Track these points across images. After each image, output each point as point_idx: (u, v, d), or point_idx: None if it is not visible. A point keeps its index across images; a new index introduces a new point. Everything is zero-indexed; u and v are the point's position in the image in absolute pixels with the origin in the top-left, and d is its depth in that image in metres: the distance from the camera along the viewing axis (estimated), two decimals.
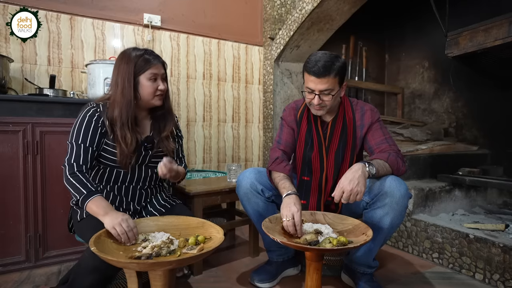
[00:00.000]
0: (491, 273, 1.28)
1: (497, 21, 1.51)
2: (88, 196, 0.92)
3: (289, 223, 0.99)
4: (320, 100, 1.10)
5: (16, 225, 1.33)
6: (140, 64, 1.03)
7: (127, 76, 1.02)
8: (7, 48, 1.58)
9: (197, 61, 2.12)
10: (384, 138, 1.17)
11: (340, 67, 1.09)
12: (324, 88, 1.08)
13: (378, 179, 1.09)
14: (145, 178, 1.13)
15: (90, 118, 1.02)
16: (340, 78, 1.11)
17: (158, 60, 1.07)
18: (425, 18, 2.44)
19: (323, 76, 1.07)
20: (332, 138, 1.20)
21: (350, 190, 0.96)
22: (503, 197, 1.95)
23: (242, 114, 2.32)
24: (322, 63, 1.06)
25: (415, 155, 1.89)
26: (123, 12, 1.86)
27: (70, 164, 0.97)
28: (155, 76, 1.05)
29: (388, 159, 1.08)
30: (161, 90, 1.07)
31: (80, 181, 0.94)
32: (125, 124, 1.02)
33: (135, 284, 0.85)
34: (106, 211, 0.90)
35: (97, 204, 0.91)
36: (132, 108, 1.03)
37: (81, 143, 0.99)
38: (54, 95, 1.50)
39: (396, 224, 1.08)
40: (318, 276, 0.96)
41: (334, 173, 1.19)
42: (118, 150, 1.02)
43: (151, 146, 1.12)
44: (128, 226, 0.88)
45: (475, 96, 2.24)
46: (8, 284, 1.25)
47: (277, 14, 2.24)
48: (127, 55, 1.04)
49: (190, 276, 1.34)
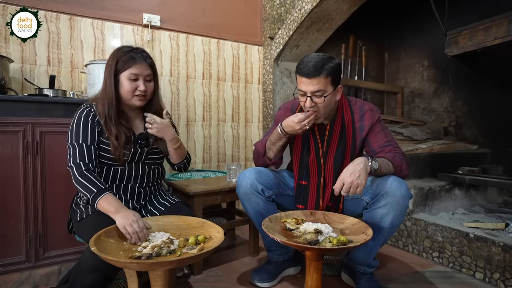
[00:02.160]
0: (491, 272, 1.28)
1: (497, 20, 1.51)
2: (99, 194, 0.93)
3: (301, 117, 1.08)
4: (313, 103, 1.07)
5: (16, 225, 1.33)
6: (121, 62, 1.03)
7: (109, 73, 1.03)
8: (6, 48, 1.58)
9: (196, 60, 2.12)
10: (387, 140, 1.15)
11: (332, 68, 1.06)
12: (315, 89, 1.05)
13: (379, 179, 1.09)
14: (143, 175, 1.13)
15: (85, 118, 1.03)
16: (333, 79, 1.07)
17: (143, 60, 1.04)
18: (425, 17, 2.44)
19: (314, 77, 1.04)
20: (330, 142, 1.17)
21: (350, 182, 0.96)
22: (503, 196, 1.96)
23: (242, 114, 2.32)
24: (312, 63, 1.04)
25: (415, 154, 1.89)
26: (122, 12, 1.86)
27: (77, 163, 0.98)
28: (136, 76, 1.04)
29: (393, 159, 1.08)
30: (140, 91, 1.04)
31: (90, 180, 0.95)
32: (108, 119, 1.03)
33: (135, 284, 0.85)
34: (117, 209, 0.91)
35: (108, 201, 0.93)
36: (113, 105, 1.04)
37: (82, 142, 1.00)
38: (53, 95, 1.50)
39: (397, 224, 1.08)
40: (318, 276, 0.96)
41: (333, 177, 1.16)
42: (111, 144, 1.04)
43: (145, 143, 1.12)
44: (139, 227, 0.89)
45: (475, 95, 2.24)
46: (8, 284, 1.25)
47: (277, 14, 2.23)
48: (115, 52, 1.06)
49: (190, 275, 1.34)
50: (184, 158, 1.22)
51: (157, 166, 1.19)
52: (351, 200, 1.18)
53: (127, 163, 1.09)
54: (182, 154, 1.20)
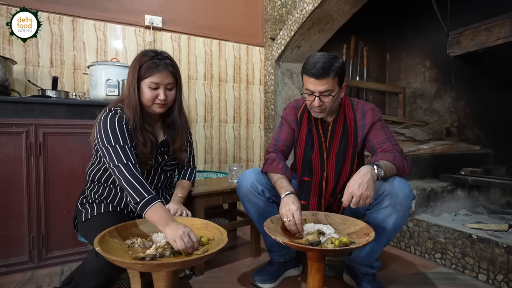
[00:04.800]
0: (495, 273, 1.28)
1: (499, 20, 1.51)
2: (149, 202, 0.88)
3: (290, 222, 0.99)
4: (321, 102, 1.10)
5: (19, 226, 1.34)
6: (143, 70, 1.01)
7: (132, 80, 1.02)
8: (10, 50, 1.59)
9: (198, 61, 2.12)
10: (386, 137, 1.17)
11: (339, 68, 1.09)
12: (323, 89, 1.08)
13: (382, 180, 1.09)
14: (158, 182, 1.14)
15: (119, 122, 1.00)
16: (339, 79, 1.10)
17: (165, 68, 1.02)
18: (426, 17, 2.44)
19: (322, 78, 1.06)
20: (333, 138, 1.20)
21: (359, 195, 0.94)
22: (506, 197, 1.94)
23: (243, 115, 2.32)
24: (320, 64, 1.06)
25: (417, 155, 1.88)
26: (124, 13, 1.87)
27: (125, 163, 0.93)
28: (156, 85, 1.02)
29: (394, 160, 1.08)
30: (160, 100, 1.03)
31: (141, 183, 0.91)
32: (134, 126, 1.02)
33: (138, 284, 0.85)
34: (167, 221, 0.86)
35: (158, 213, 0.88)
36: (138, 111, 1.02)
37: (124, 144, 0.97)
38: (56, 96, 1.51)
39: (400, 225, 1.07)
40: (320, 277, 0.96)
41: (335, 173, 1.19)
42: (138, 151, 1.02)
43: (166, 150, 1.12)
44: (189, 241, 0.83)
45: (477, 95, 2.23)
46: (11, 285, 1.26)
47: (278, 15, 2.24)
48: (138, 58, 1.04)
49: (192, 276, 1.34)
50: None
51: (172, 172, 1.21)
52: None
53: (146, 169, 1.08)
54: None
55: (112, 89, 1.53)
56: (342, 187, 1.18)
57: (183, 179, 1.23)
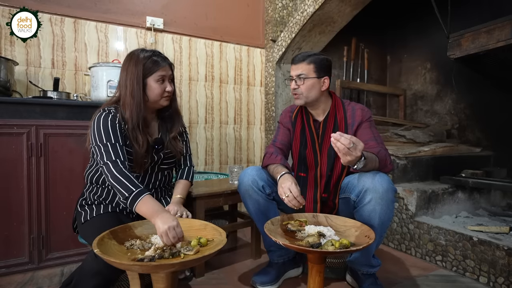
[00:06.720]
0: (496, 276, 1.27)
1: (500, 23, 1.51)
2: (138, 195, 0.90)
3: (289, 197, 1.03)
4: (296, 85, 1.21)
5: (20, 227, 1.34)
6: (148, 66, 1.04)
7: (136, 78, 1.03)
8: (12, 51, 1.60)
9: (199, 63, 2.13)
10: (373, 136, 1.20)
11: (318, 59, 1.20)
12: (298, 73, 1.20)
13: (362, 176, 1.10)
14: (155, 181, 1.14)
15: (112, 122, 1.01)
16: (316, 67, 1.20)
17: (166, 62, 1.08)
18: (427, 19, 2.44)
19: (298, 63, 1.21)
20: (324, 135, 1.25)
21: (348, 143, 0.90)
22: (507, 199, 1.94)
23: (244, 116, 2.33)
24: (301, 54, 1.22)
25: (417, 157, 1.88)
26: (126, 15, 1.87)
27: (113, 160, 0.95)
28: (163, 78, 1.07)
29: (378, 153, 1.10)
30: (169, 92, 1.09)
31: (128, 178, 0.93)
32: (135, 125, 1.03)
33: (137, 286, 0.85)
34: (157, 212, 0.88)
35: (147, 205, 0.89)
36: (141, 109, 1.04)
37: (115, 142, 0.98)
38: (57, 97, 1.51)
39: (386, 219, 1.08)
40: (321, 279, 0.95)
41: (327, 168, 1.23)
42: (133, 152, 1.03)
43: (161, 148, 1.13)
44: (175, 237, 0.85)
45: (477, 97, 2.23)
46: (11, 286, 1.26)
47: (279, 17, 2.24)
48: (136, 57, 1.05)
49: (192, 278, 1.34)
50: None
51: (169, 171, 1.21)
52: (342, 199, 1.22)
53: (143, 170, 1.08)
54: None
55: (113, 90, 1.53)
56: (335, 182, 1.22)
57: (181, 179, 1.23)
